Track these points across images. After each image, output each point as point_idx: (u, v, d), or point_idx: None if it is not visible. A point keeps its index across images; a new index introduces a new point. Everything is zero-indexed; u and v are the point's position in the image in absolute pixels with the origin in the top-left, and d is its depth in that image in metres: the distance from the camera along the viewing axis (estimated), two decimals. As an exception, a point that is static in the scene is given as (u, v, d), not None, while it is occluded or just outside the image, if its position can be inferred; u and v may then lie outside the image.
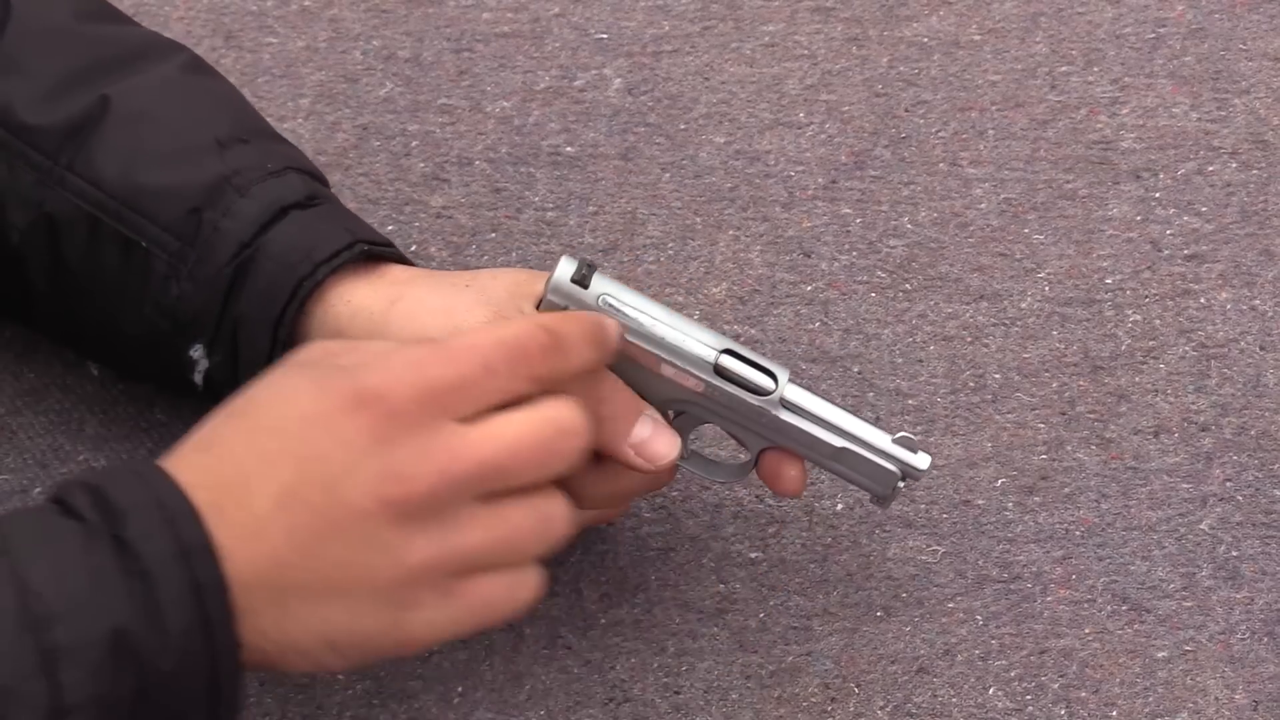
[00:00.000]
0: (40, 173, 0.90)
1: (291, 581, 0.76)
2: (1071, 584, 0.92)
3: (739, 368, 0.84)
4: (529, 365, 0.77)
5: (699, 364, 0.83)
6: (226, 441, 0.78)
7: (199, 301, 0.88)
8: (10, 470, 0.94)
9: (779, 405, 0.84)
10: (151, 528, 0.74)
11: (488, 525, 0.77)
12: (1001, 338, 1.01)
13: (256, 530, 0.76)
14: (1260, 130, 1.09)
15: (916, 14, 1.15)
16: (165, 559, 0.74)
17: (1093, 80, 1.11)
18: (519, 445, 0.76)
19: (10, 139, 0.90)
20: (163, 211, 0.88)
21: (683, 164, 1.08)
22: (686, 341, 0.83)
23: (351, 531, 0.76)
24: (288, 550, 0.76)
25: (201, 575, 0.74)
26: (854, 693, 0.88)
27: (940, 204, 1.06)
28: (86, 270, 0.90)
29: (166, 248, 0.88)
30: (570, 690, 0.88)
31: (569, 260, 0.83)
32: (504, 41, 1.14)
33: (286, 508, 0.76)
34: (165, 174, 0.89)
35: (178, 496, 0.75)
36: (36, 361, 0.99)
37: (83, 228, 0.89)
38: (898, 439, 0.85)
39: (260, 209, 0.88)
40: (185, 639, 0.74)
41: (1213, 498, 0.94)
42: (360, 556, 0.76)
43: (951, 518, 0.94)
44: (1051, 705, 0.88)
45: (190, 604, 0.74)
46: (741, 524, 0.94)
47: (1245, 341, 1.00)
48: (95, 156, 0.89)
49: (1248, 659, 0.89)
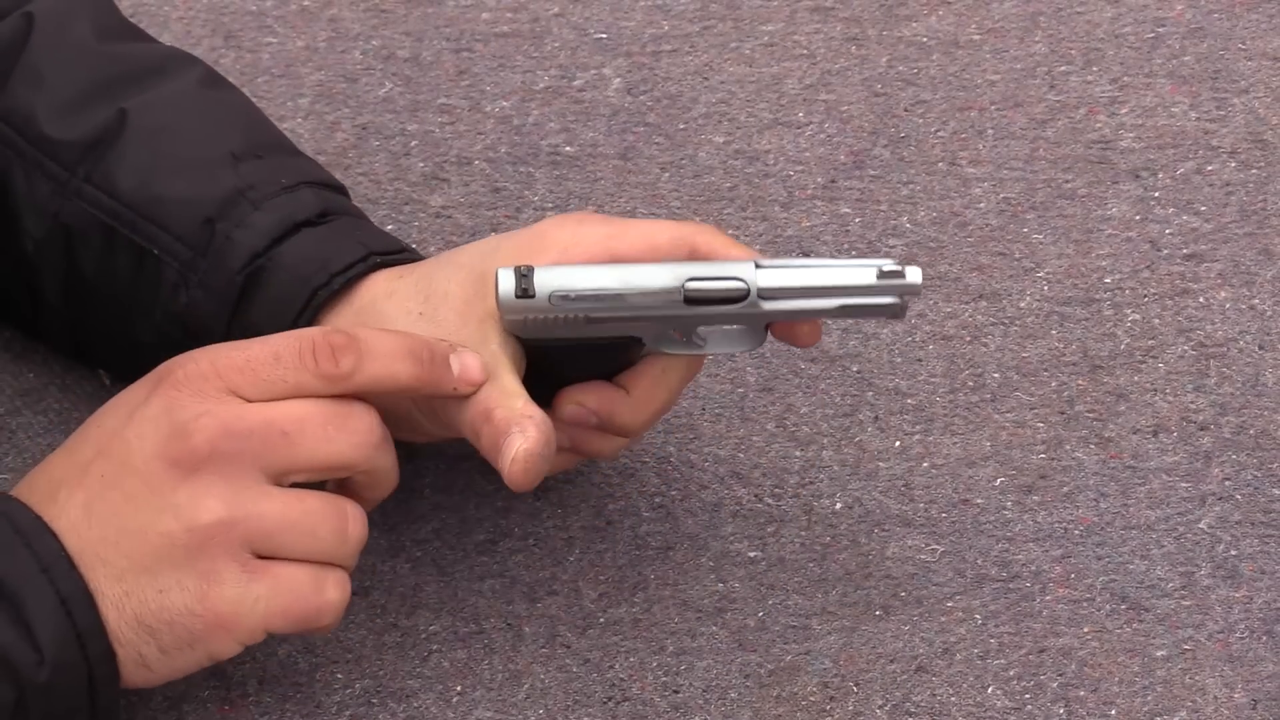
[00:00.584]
0: (58, 184, 0.91)
1: (97, 557, 0.79)
2: (1070, 583, 0.92)
3: (706, 287, 0.83)
4: (317, 362, 0.80)
5: (669, 303, 0.83)
6: (53, 455, 0.82)
7: (209, 309, 0.89)
8: (10, 470, 0.94)
9: (759, 303, 0.83)
10: (7, 548, 0.78)
11: (283, 502, 0.79)
12: (1000, 337, 1.01)
13: (60, 515, 0.79)
14: (1259, 130, 1.09)
15: (916, 14, 1.15)
16: (26, 577, 0.77)
17: (1092, 80, 1.11)
18: (301, 419, 0.79)
19: (30, 149, 0.92)
20: (176, 222, 0.89)
21: (682, 164, 1.08)
22: (648, 287, 0.83)
23: (141, 496, 0.79)
24: (88, 528, 0.79)
25: (63, 587, 0.78)
26: (853, 691, 0.88)
27: (939, 203, 1.06)
28: (100, 279, 0.91)
29: (178, 257, 0.89)
30: (569, 689, 0.88)
31: (506, 274, 0.82)
32: (503, 41, 1.14)
33: (84, 486, 0.79)
34: (180, 185, 0.90)
35: (25, 512, 0.79)
36: (36, 361, 0.99)
37: (98, 237, 0.90)
38: (885, 272, 0.83)
39: (273, 223, 0.89)
40: (58, 651, 0.77)
41: (1211, 497, 0.94)
42: (154, 522, 0.79)
43: (950, 517, 0.94)
44: (1050, 704, 0.88)
45: (58, 615, 0.77)
46: (740, 523, 0.94)
47: (1244, 341, 1.00)
48: (112, 168, 0.90)
49: (1246, 658, 0.89)
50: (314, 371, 0.80)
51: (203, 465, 0.78)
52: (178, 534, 0.78)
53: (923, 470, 0.95)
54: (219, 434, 0.78)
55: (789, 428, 0.97)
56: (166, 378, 0.80)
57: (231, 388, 0.79)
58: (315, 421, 0.80)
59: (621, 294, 0.83)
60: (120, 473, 0.79)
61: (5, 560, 0.77)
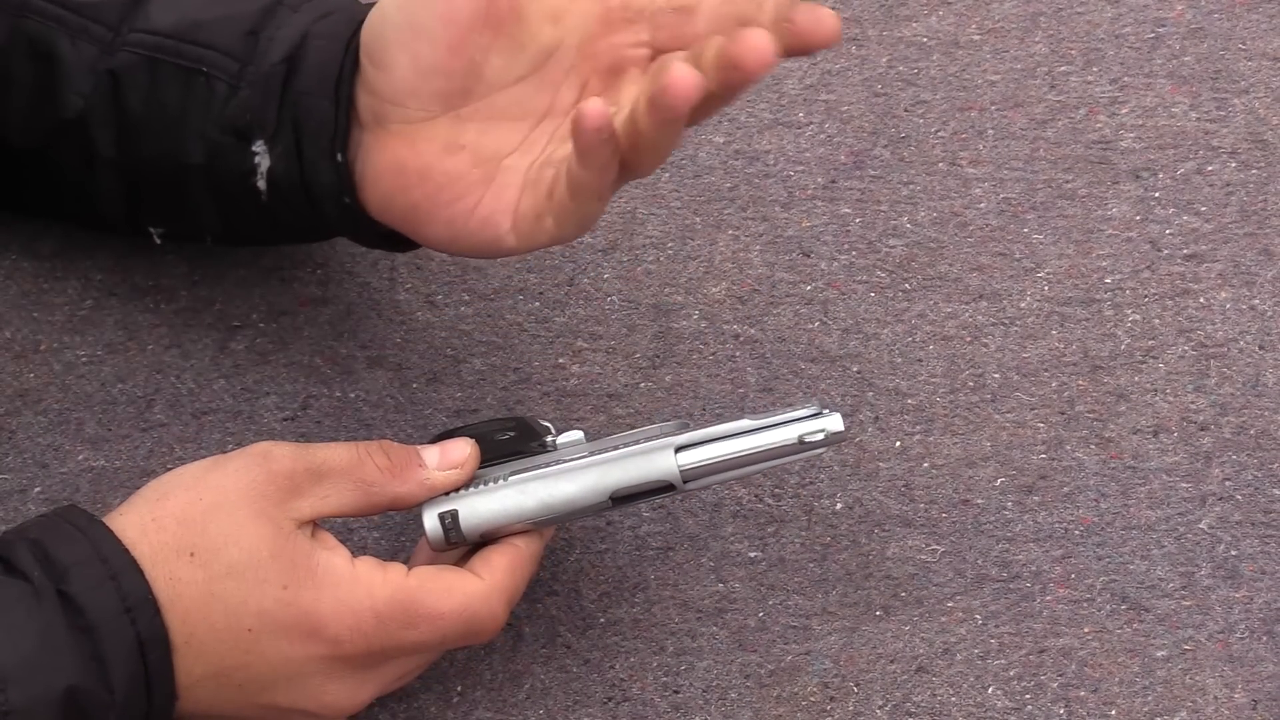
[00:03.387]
0: (103, 44, 0.92)
1: (228, 681, 0.81)
2: (1070, 583, 0.92)
3: (633, 490, 0.84)
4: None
5: (595, 508, 0.84)
6: (175, 505, 0.81)
7: (257, 103, 0.89)
8: (10, 470, 0.94)
9: (684, 484, 0.84)
10: (96, 582, 0.76)
11: (422, 664, 0.85)
12: (1001, 337, 1.01)
13: (189, 685, 0.80)
14: (1260, 130, 1.09)
15: (916, 14, 1.15)
16: (111, 613, 0.76)
17: (1092, 80, 1.11)
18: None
19: (72, 17, 0.93)
20: (220, 39, 0.90)
21: (682, 163, 1.08)
22: (574, 508, 0.84)
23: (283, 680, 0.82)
24: (209, 704, 0.81)
25: (144, 630, 0.77)
26: (853, 692, 0.88)
27: (939, 204, 1.06)
28: (151, 111, 0.92)
29: (226, 70, 0.90)
30: (569, 689, 0.88)
31: (431, 518, 0.84)
32: (503, 41, 1.14)
33: (218, 679, 0.81)
34: (218, 8, 0.91)
35: (119, 550, 0.78)
36: (36, 361, 0.99)
37: (143, 74, 0.91)
38: (805, 437, 0.84)
39: (310, 18, 0.89)
40: (128, 693, 0.77)
41: (1212, 497, 0.94)
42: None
43: (950, 517, 0.94)
44: (1050, 704, 0.88)
45: (134, 658, 0.77)
46: (740, 523, 0.94)
47: (1244, 341, 1.00)
48: (151, 13, 0.92)
49: (1247, 658, 0.89)
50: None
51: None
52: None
53: (923, 470, 0.95)
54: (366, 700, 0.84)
55: (789, 428, 0.97)
56: (326, 641, 0.81)
57: (388, 658, 0.83)
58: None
59: (549, 519, 0.84)
60: (259, 692, 0.81)
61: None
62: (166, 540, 0.79)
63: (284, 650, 0.79)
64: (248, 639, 0.79)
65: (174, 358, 0.99)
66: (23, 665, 0.74)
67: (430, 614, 0.81)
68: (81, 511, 0.80)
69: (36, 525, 0.79)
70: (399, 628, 0.80)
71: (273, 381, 0.97)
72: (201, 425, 0.96)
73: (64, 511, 0.80)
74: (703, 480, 0.84)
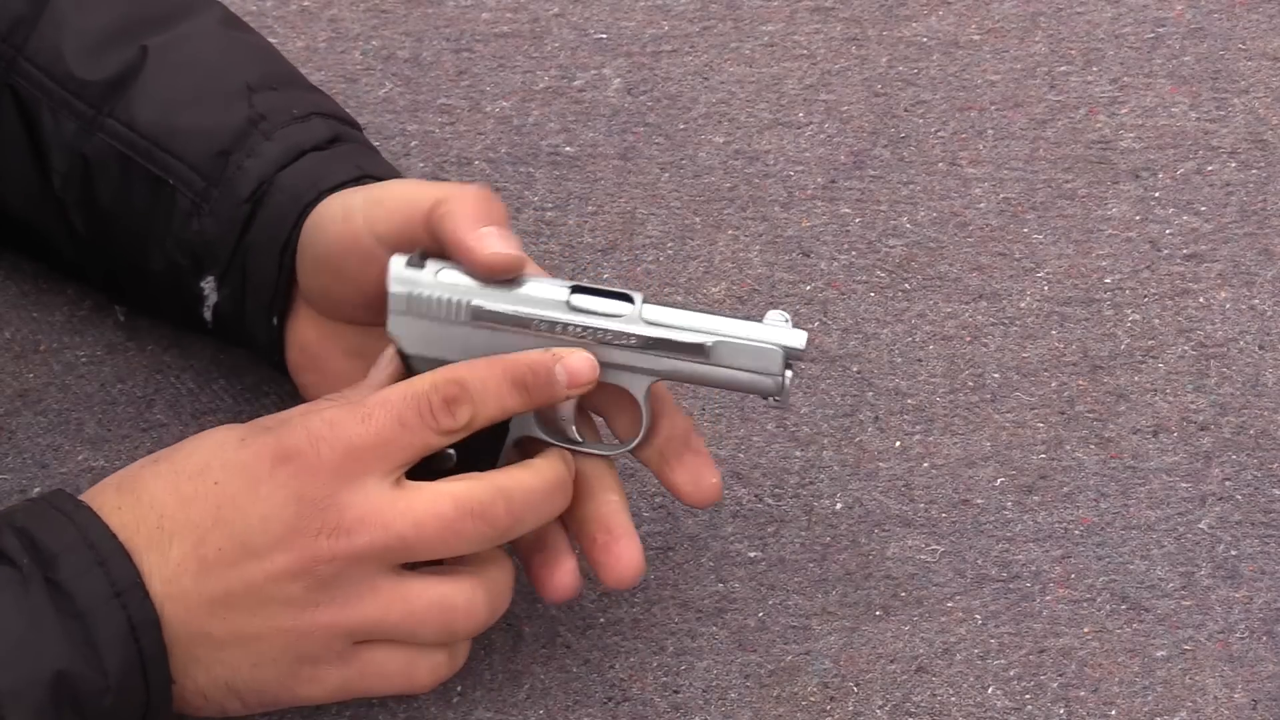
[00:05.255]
0: (83, 122, 0.93)
1: (200, 629, 0.79)
2: (1070, 583, 0.92)
3: (591, 299, 0.83)
4: (437, 420, 0.80)
5: (554, 305, 0.82)
6: (147, 484, 0.80)
7: (216, 235, 0.90)
8: (10, 470, 0.94)
9: (641, 314, 0.83)
10: (84, 568, 0.76)
11: (388, 601, 0.80)
12: (1000, 337, 1.01)
13: (170, 576, 0.78)
14: (1259, 130, 1.09)
15: (916, 14, 1.15)
16: (100, 599, 0.76)
17: (1092, 80, 1.11)
18: (426, 522, 0.79)
19: (57, 89, 0.93)
20: (191, 152, 0.91)
21: (682, 164, 1.08)
22: (535, 290, 0.83)
23: (260, 587, 0.79)
24: (197, 597, 0.79)
25: (135, 614, 0.76)
26: (853, 692, 0.88)
27: (939, 204, 1.06)
28: (118, 209, 0.92)
29: (192, 186, 0.90)
30: (569, 689, 0.88)
31: (400, 256, 0.83)
32: (503, 41, 1.14)
33: (199, 555, 0.79)
34: (196, 117, 0.91)
35: (107, 536, 0.78)
36: (36, 361, 0.99)
37: (115, 168, 0.92)
38: (768, 321, 0.83)
39: (281, 151, 0.90)
40: (123, 677, 0.77)
41: (1212, 497, 0.94)
42: (267, 613, 0.79)
43: (950, 517, 0.94)
44: (1050, 704, 0.88)
45: (127, 641, 0.77)
46: (740, 523, 0.94)
47: (1244, 341, 1.00)
48: (133, 103, 0.92)
49: (1247, 658, 0.89)
50: (435, 429, 0.80)
51: (324, 579, 0.79)
52: (287, 627, 0.79)
53: (923, 470, 0.95)
54: (345, 559, 0.79)
55: (789, 428, 0.97)
56: (295, 457, 0.79)
57: (362, 467, 0.79)
58: (435, 524, 0.80)
59: (511, 291, 0.83)
60: (240, 556, 0.79)
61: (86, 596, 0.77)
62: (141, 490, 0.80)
63: (256, 491, 0.78)
64: (215, 491, 0.79)
65: (174, 358, 0.99)
66: (12, 650, 0.75)
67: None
68: (68, 496, 0.80)
69: (23, 511, 0.79)
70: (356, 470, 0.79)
71: (273, 381, 0.97)
72: (201, 425, 0.96)
73: (50, 496, 0.80)
74: (659, 330, 0.82)
